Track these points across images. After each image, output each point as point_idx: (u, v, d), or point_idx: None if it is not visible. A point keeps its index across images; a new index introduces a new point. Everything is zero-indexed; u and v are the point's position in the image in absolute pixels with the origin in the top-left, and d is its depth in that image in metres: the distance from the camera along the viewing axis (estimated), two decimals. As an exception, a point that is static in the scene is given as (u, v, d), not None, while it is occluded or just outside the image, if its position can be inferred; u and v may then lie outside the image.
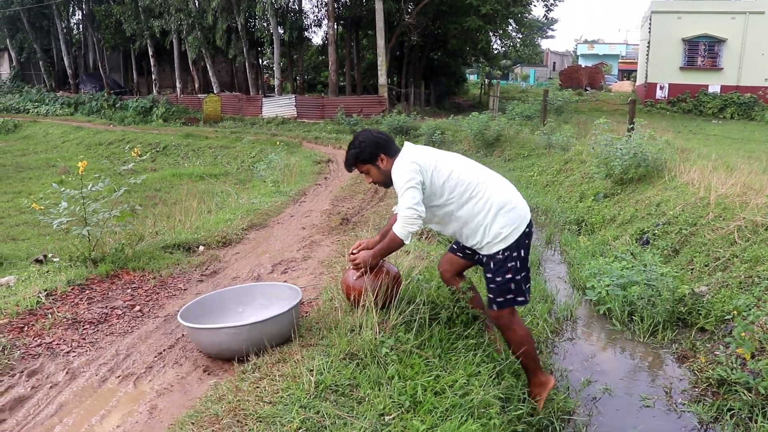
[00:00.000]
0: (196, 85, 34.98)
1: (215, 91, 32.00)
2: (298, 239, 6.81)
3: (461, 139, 18.68)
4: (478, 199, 3.61)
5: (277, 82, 30.67)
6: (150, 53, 34.98)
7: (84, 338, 3.97)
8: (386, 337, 3.58)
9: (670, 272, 6.09)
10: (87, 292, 4.78)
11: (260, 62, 40.28)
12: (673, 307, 5.63)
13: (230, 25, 30.25)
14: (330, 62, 28.41)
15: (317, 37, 63.36)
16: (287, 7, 30.18)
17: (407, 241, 3.63)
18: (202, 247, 6.39)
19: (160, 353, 3.77)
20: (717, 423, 4.01)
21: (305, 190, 10.68)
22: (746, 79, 30.38)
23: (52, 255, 6.74)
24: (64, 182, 11.95)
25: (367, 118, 23.70)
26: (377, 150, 3.69)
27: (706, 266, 6.16)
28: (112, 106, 32.93)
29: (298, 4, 32.41)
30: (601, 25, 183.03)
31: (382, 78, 25.93)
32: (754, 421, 3.82)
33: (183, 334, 4.01)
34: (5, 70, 44.18)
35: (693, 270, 6.28)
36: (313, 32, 38.98)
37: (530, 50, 55.67)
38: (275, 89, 31.24)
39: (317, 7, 35.37)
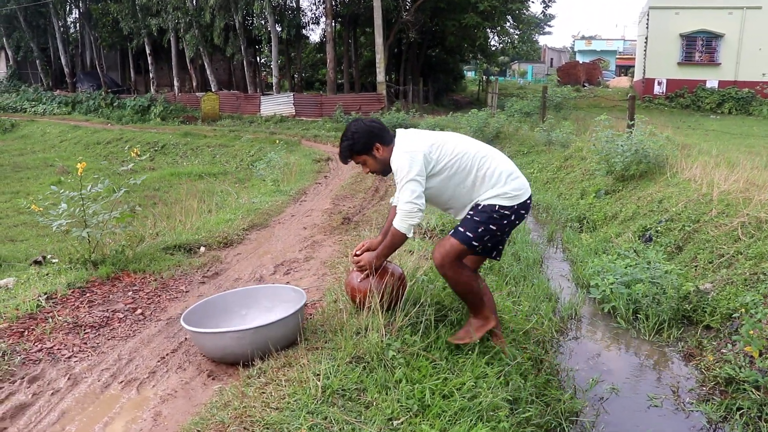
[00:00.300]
0: (194, 84, 34.89)
1: (213, 90, 31.92)
2: (300, 239, 6.76)
3: (461, 137, 18.60)
4: (486, 167, 3.58)
5: (275, 80, 30.58)
6: (147, 51, 34.85)
7: (85, 343, 3.91)
8: (393, 339, 3.54)
9: (675, 270, 6.04)
10: (87, 295, 4.73)
11: (258, 60, 40.19)
12: (678, 304, 5.59)
13: (228, 23, 30.16)
14: (328, 60, 28.32)
15: (315, 34, 63.15)
16: (285, 4, 30.14)
17: (409, 234, 3.59)
18: (203, 248, 6.33)
19: (163, 358, 3.71)
20: (726, 422, 3.97)
21: (305, 189, 10.62)
22: (744, 74, 30.38)
23: (51, 256, 6.69)
24: (63, 182, 11.89)
25: (366, 115, 23.61)
26: (371, 140, 3.62)
27: (710, 263, 6.12)
28: (110, 104, 32.83)
29: (295, 1, 32.38)
30: (599, 21, 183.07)
31: (381, 75, 25.86)
32: (765, 421, 3.78)
33: (186, 338, 3.96)
34: (2, 69, 44.01)
35: (697, 267, 6.24)
36: (311, 30, 39.01)
37: (528, 47, 55.59)
38: (273, 87, 31.17)
39: (315, 4, 35.28)
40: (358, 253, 3.97)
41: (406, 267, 4.60)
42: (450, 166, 3.56)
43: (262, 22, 30.20)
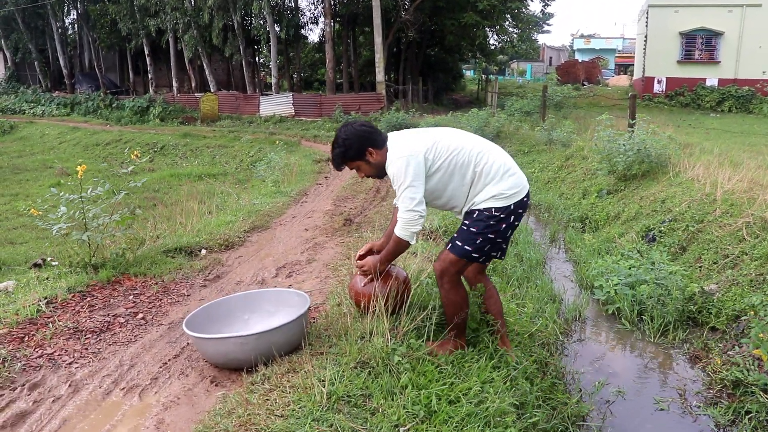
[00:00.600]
0: (193, 84, 34.84)
1: (212, 90, 31.85)
2: (302, 241, 6.71)
3: (461, 136, 18.56)
4: (483, 163, 3.48)
5: (274, 80, 30.53)
6: (146, 52, 34.78)
7: (86, 348, 3.86)
8: (398, 344, 3.49)
9: (680, 270, 6.00)
10: (88, 299, 4.68)
11: (257, 60, 40.11)
12: (683, 306, 5.55)
13: (226, 23, 30.09)
14: (327, 60, 28.26)
15: (314, 34, 63.28)
16: (284, 4, 30.08)
17: (413, 241, 3.53)
18: (204, 251, 6.28)
19: (165, 363, 3.66)
20: (734, 426, 3.93)
21: (306, 189, 10.57)
22: (744, 72, 30.31)
23: (50, 259, 6.65)
24: (62, 184, 11.84)
25: (365, 116, 23.56)
26: (364, 145, 3.50)
27: (715, 264, 6.08)
28: (109, 106, 32.74)
29: (294, 1, 32.30)
30: (598, 19, 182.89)
31: (380, 75, 25.80)
32: (774, 425, 3.74)
33: (188, 343, 3.91)
34: (0, 71, 43.95)
35: (701, 268, 6.20)
36: (310, 30, 38.79)
37: (527, 45, 55.49)
38: (272, 87, 31.11)
39: (314, 4, 35.16)
40: (362, 254, 3.92)
41: (410, 269, 4.56)
42: (447, 164, 3.47)
43: (261, 22, 30.13)
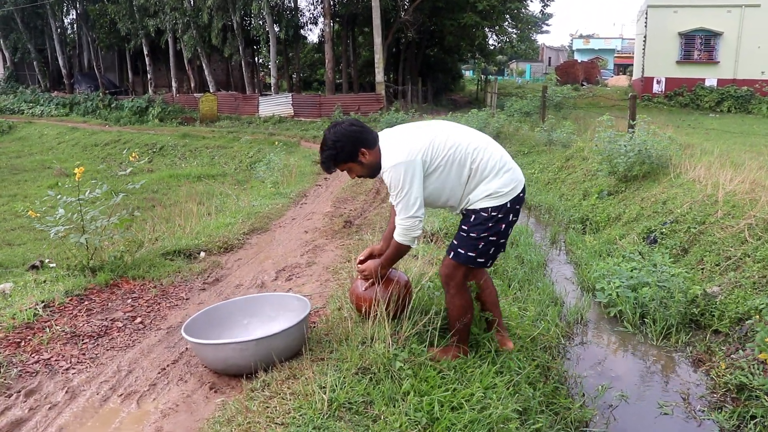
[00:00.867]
0: (192, 84, 34.78)
1: (211, 90, 31.79)
2: (301, 243, 6.66)
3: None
4: (480, 159, 3.40)
5: (273, 81, 30.49)
6: (145, 52, 34.74)
7: (84, 353, 3.81)
8: (399, 349, 3.44)
9: (682, 273, 5.96)
10: (86, 303, 4.63)
11: (256, 60, 40.05)
12: (685, 308, 5.50)
13: (226, 23, 30.05)
14: (326, 60, 28.22)
15: (313, 34, 63.17)
16: (283, 4, 30.03)
17: (414, 245, 3.48)
18: (203, 254, 6.23)
19: (164, 369, 3.61)
20: (739, 431, 3.89)
21: (305, 191, 10.52)
22: (743, 73, 30.33)
23: (48, 260, 6.60)
24: (60, 185, 11.79)
25: (365, 116, 23.49)
26: (356, 146, 3.36)
27: (717, 266, 6.03)
28: (108, 106, 32.66)
29: (294, 1, 32.23)
30: (597, 19, 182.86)
31: (380, 75, 25.76)
32: (779, 430, 3.69)
33: (187, 348, 3.86)
34: (-1, 71, 43.97)
35: (704, 270, 6.15)
36: (309, 30, 38.90)
37: (526, 46, 55.47)
38: (271, 88, 31.06)
39: (313, 4, 35.16)
40: (362, 258, 3.88)
41: (411, 273, 4.51)
42: (445, 162, 3.37)
43: (260, 23, 30.11)
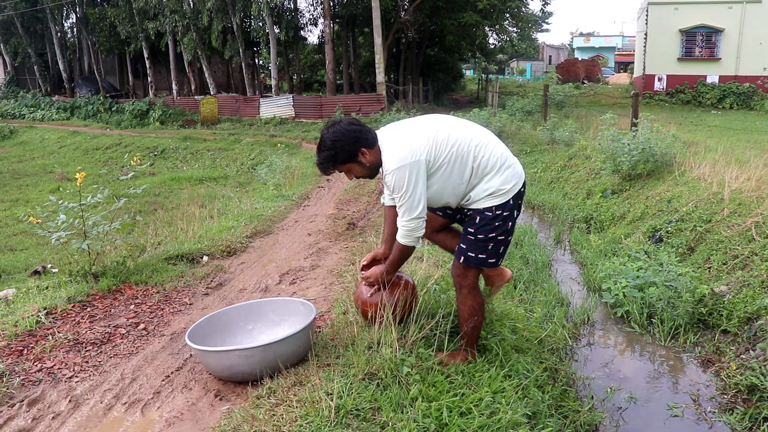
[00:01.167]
0: (193, 87, 34.73)
1: (212, 93, 31.76)
2: (305, 246, 6.61)
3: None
4: (482, 156, 3.33)
5: (274, 82, 30.42)
6: (145, 55, 34.69)
7: (87, 361, 3.76)
8: (406, 354, 3.39)
9: (689, 272, 5.90)
10: (88, 309, 4.58)
11: (256, 62, 40.01)
12: (693, 308, 5.45)
13: (226, 25, 29.99)
14: (327, 61, 28.15)
15: (313, 35, 63.08)
16: (283, 6, 29.92)
17: (418, 245, 3.43)
18: (206, 258, 6.18)
19: (168, 376, 3.56)
20: (751, 433, 3.84)
21: (308, 193, 10.47)
22: (745, 69, 30.20)
23: (51, 266, 6.56)
24: (62, 189, 11.75)
25: (366, 117, 23.44)
26: (356, 146, 3.26)
27: (725, 264, 5.98)
28: (108, 109, 32.65)
29: (293, 3, 32.14)
30: (597, 17, 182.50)
31: (380, 76, 25.70)
32: (792, 432, 3.64)
33: (191, 354, 3.81)
34: (0, 76, 43.89)
35: (710, 269, 6.10)
36: (309, 31, 38.97)
37: (527, 44, 55.41)
38: (272, 89, 31.01)
39: (313, 5, 35.13)
40: (365, 263, 3.82)
41: (417, 275, 4.46)
42: (448, 160, 3.30)
43: (260, 24, 30.06)
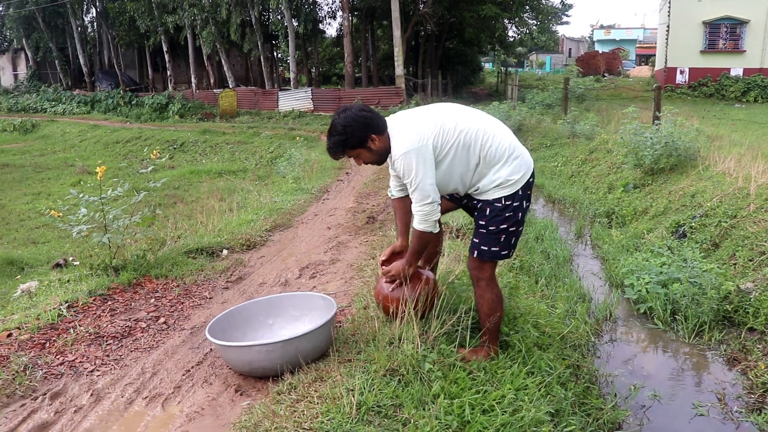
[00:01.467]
0: (212, 80, 34.83)
1: (230, 86, 31.84)
2: (324, 240, 6.58)
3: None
4: (489, 145, 3.34)
5: (292, 75, 30.44)
6: (164, 49, 34.83)
7: (108, 355, 3.76)
8: (428, 350, 3.35)
9: (714, 268, 5.80)
10: (109, 303, 4.59)
11: (275, 55, 40.03)
12: (718, 305, 5.36)
13: (244, 18, 30.03)
14: (345, 54, 28.12)
15: (332, 28, 63.00)
16: (301, -1, 29.96)
17: (435, 229, 3.41)
18: (225, 251, 6.17)
19: (188, 371, 3.55)
20: (779, 433, 3.76)
21: (327, 186, 10.44)
22: (770, 62, 29.72)
23: (72, 258, 6.60)
24: (83, 183, 11.84)
25: (385, 110, 23.34)
26: (367, 132, 3.33)
27: (751, 261, 5.88)
28: (128, 103, 32.86)
29: (312, -5, 32.15)
30: (618, 9, 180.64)
31: (399, 69, 25.61)
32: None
33: (211, 349, 3.80)
34: (22, 70, 44.33)
35: (736, 265, 6.00)
36: (328, 24, 39.03)
37: (546, 37, 55.00)
38: (291, 82, 31.04)
39: (331, -2, 35.06)
40: (383, 258, 3.78)
41: (437, 270, 4.42)
42: (455, 147, 3.32)
43: (279, 17, 30.06)
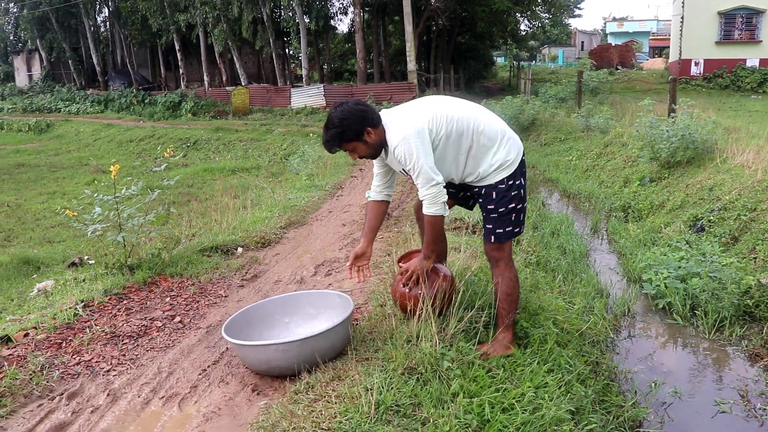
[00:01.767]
0: (224, 78, 34.88)
1: (243, 83, 31.87)
2: (339, 237, 6.55)
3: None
4: (481, 131, 3.45)
5: (304, 72, 30.43)
6: (176, 47, 34.92)
7: (124, 354, 3.75)
8: (446, 348, 3.32)
9: (735, 263, 5.72)
10: (125, 302, 4.59)
11: (287, 52, 40.05)
12: (739, 300, 5.28)
13: (256, 16, 30.04)
14: (357, 50, 28.08)
15: (343, 24, 62.90)
16: (312, -5, 29.94)
17: (445, 212, 3.44)
18: (240, 249, 6.16)
19: (205, 370, 3.53)
20: (805, 431, 3.69)
21: (341, 183, 10.41)
22: (788, 52, 29.33)
23: (87, 257, 6.61)
24: (97, 182, 11.88)
25: (397, 105, 23.33)
26: (363, 124, 3.40)
27: (771, 255, 5.79)
28: (141, 102, 33.01)
29: (323, -8, 32.12)
30: (630, 1, 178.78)
31: (411, 64, 25.53)
32: None
33: (227, 348, 3.78)
34: (36, 71, 44.62)
35: (756, 259, 5.91)
36: (339, 20, 38.91)
37: (559, 30, 54.68)
38: (303, 79, 31.03)
39: (342, -6, 35.00)
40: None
41: (455, 267, 4.37)
42: (447, 134, 3.42)
43: (290, 14, 30.05)
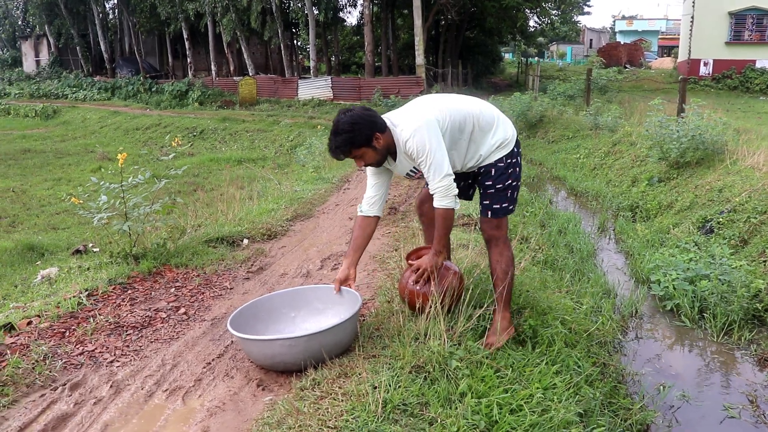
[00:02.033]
0: (231, 68, 34.83)
1: (250, 74, 31.81)
2: (346, 230, 6.50)
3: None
4: (479, 115, 3.56)
5: (312, 64, 30.37)
6: (185, 36, 34.88)
7: (127, 345, 3.71)
8: (455, 347, 3.27)
9: (744, 266, 5.66)
10: (129, 291, 4.55)
11: (295, 43, 39.95)
12: (748, 303, 5.22)
13: (265, 6, 29.97)
14: (366, 43, 28.00)
15: (352, 17, 62.71)
16: (322, -13, 29.82)
17: (456, 205, 3.44)
18: (246, 241, 6.11)
19: (209, 363, 3.49)
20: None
21: (348, 176, 10.35)
22: (799, 53, 29.13)
23: (92, 245, 6.57)
24: (103, 169, 11.84)
25: (404, 99, 23.23)
26: (372, 130, 3.35)
27: (782, 258, 5.73)
28: (148, 90, 32.97)
29: (333, -17, 31.99)
30: (640, 0, 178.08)
31: (420, 58, 25.44)
32: None
33: (232, 341, 3.74)
34: (44, 57, 44.61)
35: (766, 263, 5.85)
36: (348, 12, 38.94)
37: (568, 27, 54.45)
38: (311, 71, 30.96)
39: (352, -14, 34.87)
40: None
41: (463, 264, 4.33)
42: (452, 122, 3.47)
43: (299, 5, 29.96)
